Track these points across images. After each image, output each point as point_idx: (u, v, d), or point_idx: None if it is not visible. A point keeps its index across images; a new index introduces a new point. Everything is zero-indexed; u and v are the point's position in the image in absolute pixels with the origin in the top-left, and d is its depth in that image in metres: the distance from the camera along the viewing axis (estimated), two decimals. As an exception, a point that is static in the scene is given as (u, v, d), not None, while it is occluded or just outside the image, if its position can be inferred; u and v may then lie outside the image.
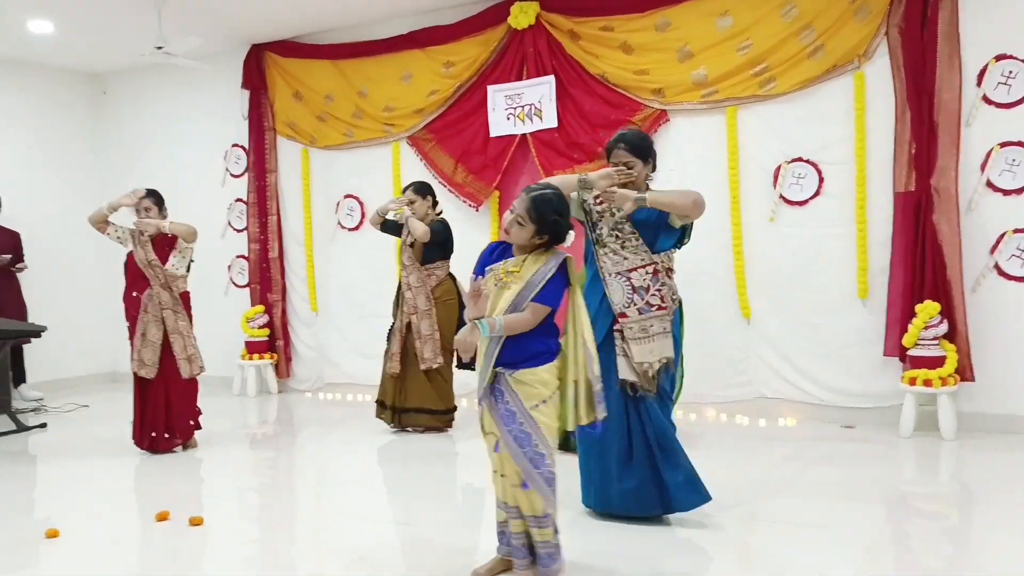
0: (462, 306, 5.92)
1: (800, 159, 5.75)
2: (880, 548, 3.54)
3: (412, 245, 5.85)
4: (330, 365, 7.74)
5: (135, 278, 5.58)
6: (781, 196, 5.81)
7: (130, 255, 5.60)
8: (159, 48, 6.45)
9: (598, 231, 3.86)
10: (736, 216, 5.92)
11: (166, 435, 5.56)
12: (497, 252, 3.24)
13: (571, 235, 3.16)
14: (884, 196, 5.53)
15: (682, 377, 4.06)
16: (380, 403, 5.99)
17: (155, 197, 5.63)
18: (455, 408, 6.00)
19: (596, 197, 3.86)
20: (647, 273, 3.77)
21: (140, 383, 5.54)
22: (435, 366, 5.77)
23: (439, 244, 5.85)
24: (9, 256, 7.42)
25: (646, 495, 3.76)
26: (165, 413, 5.55)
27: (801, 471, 4.83)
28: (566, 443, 5.02)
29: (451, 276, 5.94)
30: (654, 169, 3.94)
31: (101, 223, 5.61)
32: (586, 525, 3.85)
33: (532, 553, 3.17)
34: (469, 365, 5.50)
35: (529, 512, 3.09)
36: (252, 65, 7.78)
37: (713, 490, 4.01)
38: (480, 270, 3.23)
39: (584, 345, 3.09)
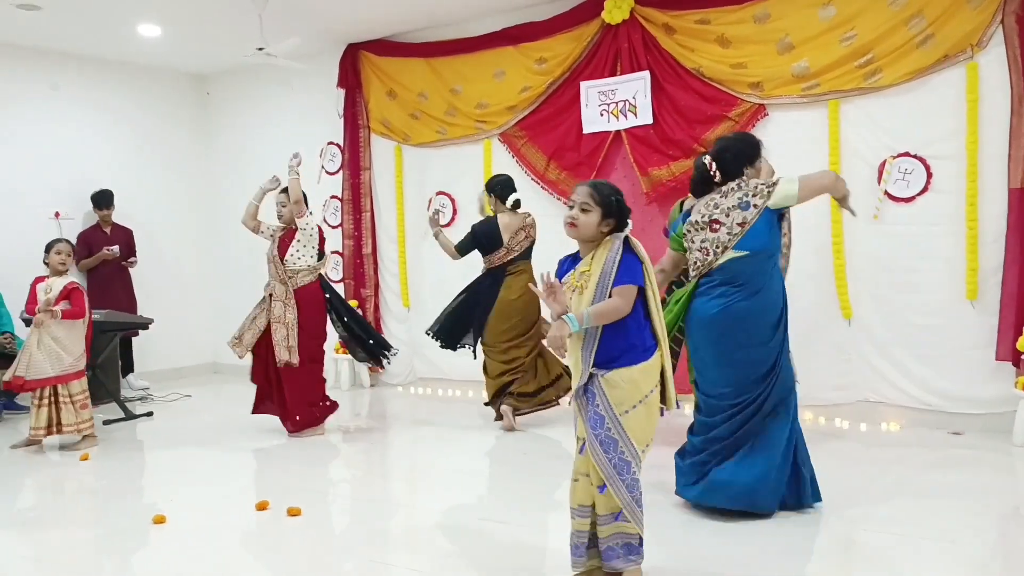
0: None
1: (907, 154, 5.53)
2: (988, 560, 3.37)
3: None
4: (422, 360, 7.83)
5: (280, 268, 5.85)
6: (886, 192, 5.60)
7: None
8: (260, 49, 6.63)
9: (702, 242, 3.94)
10: (837, 213, 5.73)
11: (297, 417, 5.86)
12: (567, 264, 3.20)
13: (629, 223, 3.11)
14: (997, 192, 5.26)
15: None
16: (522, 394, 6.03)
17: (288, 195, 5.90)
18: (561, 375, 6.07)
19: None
20: None
21: (263, 368, 5.83)
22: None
23: (480, 246, 6.02)
24: (117, 248, 7.75)
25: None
26: (280, 398, 5.84)
27: (906, 478, 4.64)
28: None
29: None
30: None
31: (253, 220, 5.92)
32: (687, 522, 3.80)
33: (592, 547, 3.13)
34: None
35: (605, 511, 3.04)
36: (347, 64, 7.92)
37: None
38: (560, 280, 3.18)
39: (661, 329, 3.08)
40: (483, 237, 5.98)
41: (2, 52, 7.55)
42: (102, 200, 7.87)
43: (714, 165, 3.89)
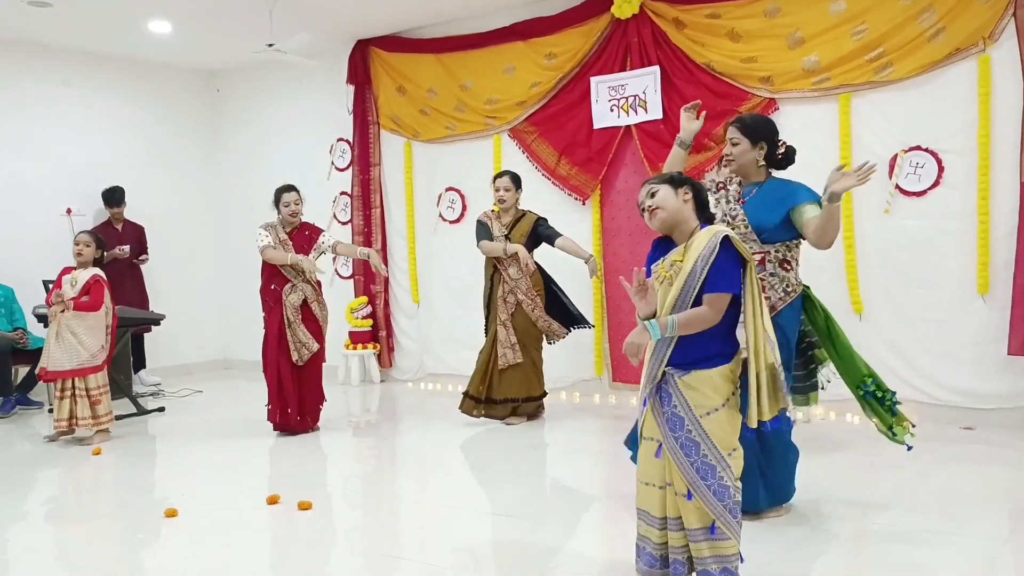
0: (548, 291, 5.98)
1: (918, 148, 5.50)
2: (1001, 556, 3.35)
3: (508, 237, 5.85)
4: (432, 356, 7.84)
5: (274, 273, 5.80)
6: (897, 186, 5.57)
7: None
8: (270, 46, 6.65)
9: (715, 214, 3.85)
10: (848, 208, 5.70)
11: (298, 417, 5.81)
12: (659, 249, 2.94)
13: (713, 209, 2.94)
14: (1009, 186, 5.23)
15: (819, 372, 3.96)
16: (471, 396, 5.96)
17: (298, 192, 5.92)
18: (545, 394, 6.02)
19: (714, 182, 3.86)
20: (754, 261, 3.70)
21: (275, 369, 5.76)
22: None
23: (536, 236, 5.93)
24: (128, 247, 7.79)
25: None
26: (299, 397, 5.81)
27: (917, 473, 4.62)
28: None
29: (538, 265, 5.95)
30: (780, 157, 3.81)
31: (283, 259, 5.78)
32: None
33: (691, 571, 2.87)
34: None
35: (695, 525, 2.78)
36: (357, 60, 7.93)
37: (825, 491, 3.91)
38: (648, 272, 2.92)
39: (764, 330, 2.78)
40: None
41: (13, 49, 7.59)
42: (112, 198, 7.90)
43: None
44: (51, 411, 5.91)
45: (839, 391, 5.73)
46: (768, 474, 3.73)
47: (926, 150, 5.48)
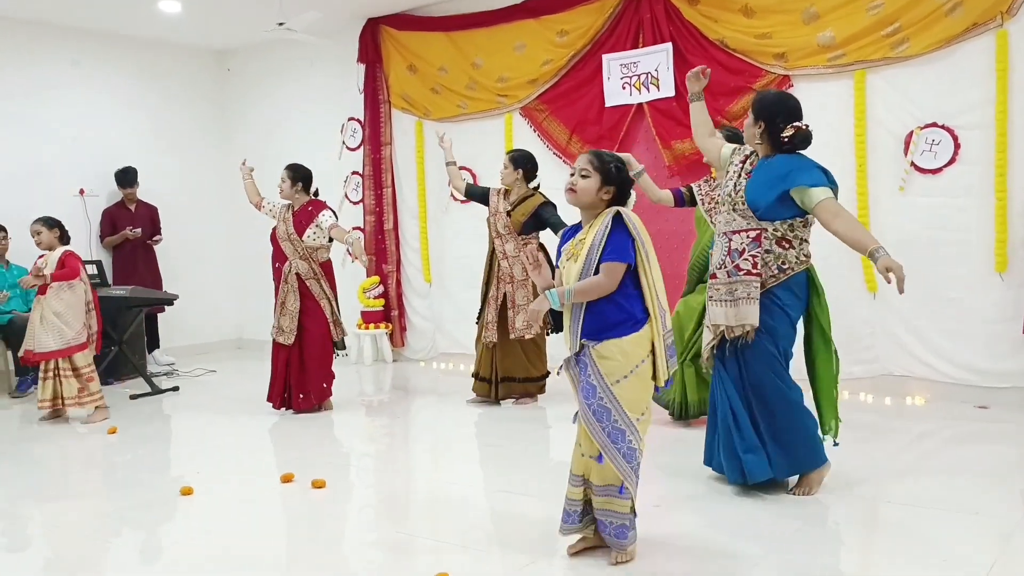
0: (553, 274, 5.90)
1: (934, 124, 5.44)
2: (1015, 534, 3.34)
3: (510, 214, 5.80)
4: (443, 335, 7.86)
5: (278, 251, 5.81)
6: (912, 164, 5.52)
7: (274, 229, 5.83)
8: (280, 24, 6.63)
9: (722, 188, 3.85)
10: (862, 186, 5.67)
11: (301, 395, 5.80)
12: (569, 233, 3.17)
13: (633, 195, 3.09)
14: (1027, 163, 5.18)
15: (836, 352, 3.91)
16: (479, 376, 5.97)
17: (290, 170, 5.84)
18: (547, 374, 6.01)
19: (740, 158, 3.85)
20: (748, 237, 3.68)
21: (278, 348, 5.79)
22: (529, 336, 5.75)
23: (537, 219, 5.74)
24: (140, 229, 7.81)
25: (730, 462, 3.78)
26: (300, 376, 5.80)
27: (931, 451, 4.62)
28: (684, 412, 4.98)
29: (542, 246, 5.91)
30: (787, 140, 3.73)
31: (256, 196, 5.95)
32: (703, 497, 3.80)
33: (585, 515, 3.14)
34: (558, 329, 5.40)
35: (598, 482, 3.03)
36: (367, 39, 7.90)
37: (839, 469, 3.89)
38: (558, 255, 3.17)
39: (657, 299, 2.99)
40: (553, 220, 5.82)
41: (24, 29, 7.59)
42: (125, 178, 7.92)
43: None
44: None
45: (850, 370, 5.77)
46: (783, 440, 3.72)
47: (942, 127, 5.42)
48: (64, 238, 5.98)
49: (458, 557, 3.26)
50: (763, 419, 3.72)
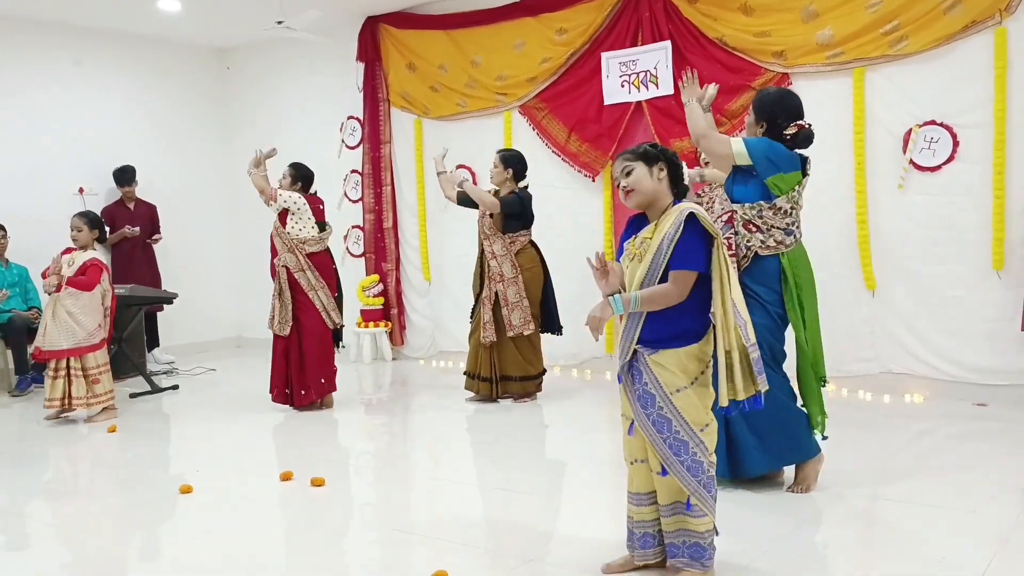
0: (546, 273, 5.95)
1: (933, 122, 5.44)
2: (1012, 533, 3.35)
3: (492, 216, 5.81)
4: (443, 333, 7.86)
5: (272, 245, 5.85)
6: (911, 162, 5.52)
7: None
8: (280, 23, 6.63)
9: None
10: (861, 184, 5.67)
11: (302, 392, 5.80)
12: (632, 226, 2.93)
13: (687, 182, 2.88)
14: (1026, 161, 5.19)
15: (815, 344, 3.89)
16: (472, 375, 5.97)
17: (292, 168, 5.92)
18: (544, 372, 6.01)
19: None
20: (722, 221, 3.70)
21: (277, 342, 5.81)
22: (526, 333, 5.76)
23: (516, 216, 5.79)
24: (138, 228, 7.82)
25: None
26: (300, 373, 5.80)
27: (930, 449, 4.63)
28: None
29: (532, 243, 5.92)
30: (790, 138, 3.74)
31: (269, 187, 5.79)
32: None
33: (659, 544, 2.92)
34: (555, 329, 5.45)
35: (664, 500, 2.82)
36: (367, 37, 7.90)
37: (836, 467, 3.91)
38: (620, 249, 2.95)
39: (735, 309, 2.73)
40: (530, 209, 5.87)
41: (24, 27, 7.59)
42: (123, 177, 7.92)
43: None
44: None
45: (849, 368, 5.78)
46: (762, 432, 3.69)
47: (941, 125, 5.42)
48: (101, 238, 5.99)
49: (457, 555, 3.26)
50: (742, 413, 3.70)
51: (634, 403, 2.84)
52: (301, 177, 5.87)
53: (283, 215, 5.76)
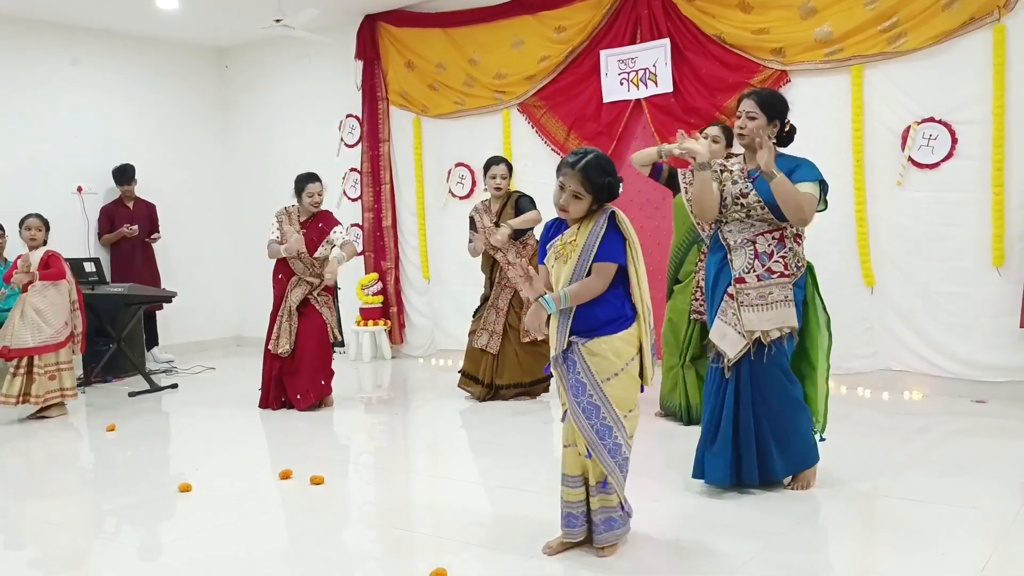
0: None
1: (932, 119, 5.44)
2: (1012, 529, 3.35)
3: (497, 224, 5.79)
4: (442, 332, 7.86)
5: (282, 263, 5.83)
6: (910, 159, 5.52)
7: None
8: (278, 21, 6.62)
9: (722, 202, 3.72)
10: (860, 180, 5.67)
11: (299, 396, 5.80)
12: (553, 229, 3.17)
13: (620, 186, 3.11)
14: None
15: (830, 346, 3.89)
16: (470, 376, 5.95)
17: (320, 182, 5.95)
18: (550, 376, 5.99)
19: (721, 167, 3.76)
20: (774, 239, 3.65)
21: (271, 357, 5.81)
22: (540, 338, 5.76)
23: (519, 211, 5.82)
24: (136, 226, 7.81)
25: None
26: (293, 378, 5.81)
27: (929, 446, 4.63)
28: (689, 416, 4.96)
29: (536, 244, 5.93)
30: (785, 135, 3.74)
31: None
32: (700, 494, 3.79)
33: (586, 523, 3.14)
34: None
35: (593, 480, 3.07)
36: (365, 36, 7.89)
37: (836, 464, 3.91)
38: (543, 251, 3.18)
39: (645, 304, 3.04)
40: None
41: (23, 27, 7.58)
42: (123, 176, 7.91)
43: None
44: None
45: (848, 365, 5.78)
46: (784, 440, 3.70)
47: (939, 122, 5.42)
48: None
49: (457, 554, 3.26)
50: (767, 420, 3.68)
51: (568, 391, 3.07)
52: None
53: (313, 240, 5.77)
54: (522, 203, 5.81)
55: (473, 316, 6.04)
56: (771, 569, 3.02)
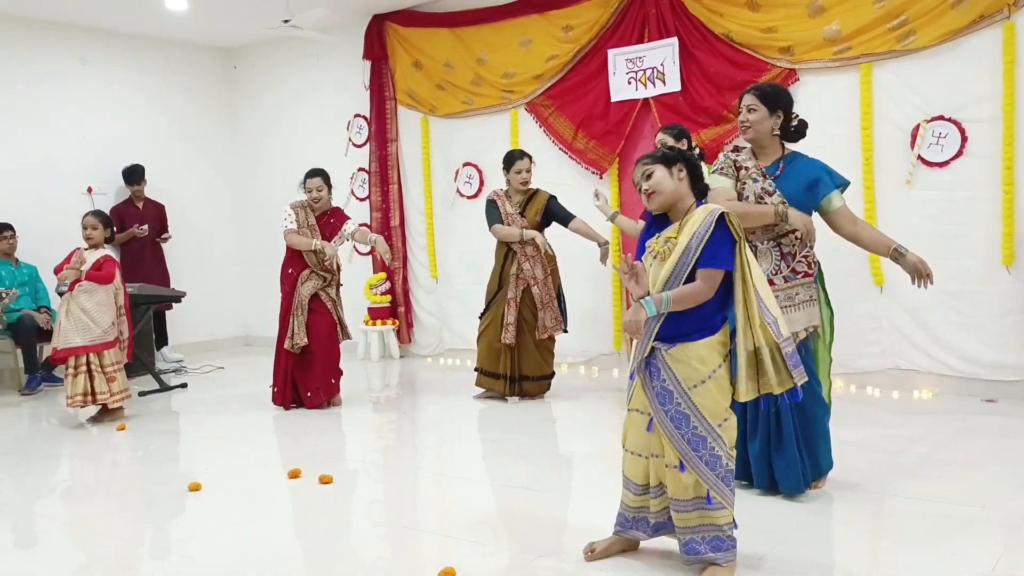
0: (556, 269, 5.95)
1: (941, 117, 5.42)
2: (1022, 527, 3.35)
3: (523, 214, 5.80)
4: (451, 331, 7.87)
5: (293, 257, 5.84)
6: (919, 157, 5.51)
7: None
8: (286, 21, 6.64)
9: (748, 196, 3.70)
10: (869, 179, 5.65)
11: (308, 394, 5.82)
12: (653, 225, 2.98)
13: (708, 180, 2.95)
14: (1035, 156, 5.16)
15: (831, 341, 3.88)
16: (489, 374, 5.92)
17: (326, 178, 5.93)
18: (554, 373, 6.01)
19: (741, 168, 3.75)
20: (796, 238, 3.64)
21: (286, 355, 5.82)
22: (557, 335, 5.81)
23: (548, 213, 5.85)
24: (146, 226, 7.84)
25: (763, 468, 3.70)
26: (305, 374, 5.83)
27: (939, 445, 4.61)
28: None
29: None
30: (794, 130, 3.73)
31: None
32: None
33: (656, 533, 3.00)
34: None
35: (681, 496, 2.83)
36: (373, 35, 7.90)
37: (845, 463, 3.91)
38: (641, 249, 2.98)
39: (763, 306, 2.79)
40: None
41: (33, 27, 7.62)
42: (132, 176, 7.94)
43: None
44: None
45: (857, 364, 5.76)
46: (813, 445, 3.67)
47: (949, 120, 5.40)
48: (110, 238, 5.99)
49: (465, 551, 3.27)
50: (800, 424, 3.63)
51: (653, 400, 2.87)
52: (329, 184, 5.96)
53: (327, 232, 5.82)
54: (553, 206, 5.82)
55: (480, 316, 6.03)
56: (781, 569, 3.01)
